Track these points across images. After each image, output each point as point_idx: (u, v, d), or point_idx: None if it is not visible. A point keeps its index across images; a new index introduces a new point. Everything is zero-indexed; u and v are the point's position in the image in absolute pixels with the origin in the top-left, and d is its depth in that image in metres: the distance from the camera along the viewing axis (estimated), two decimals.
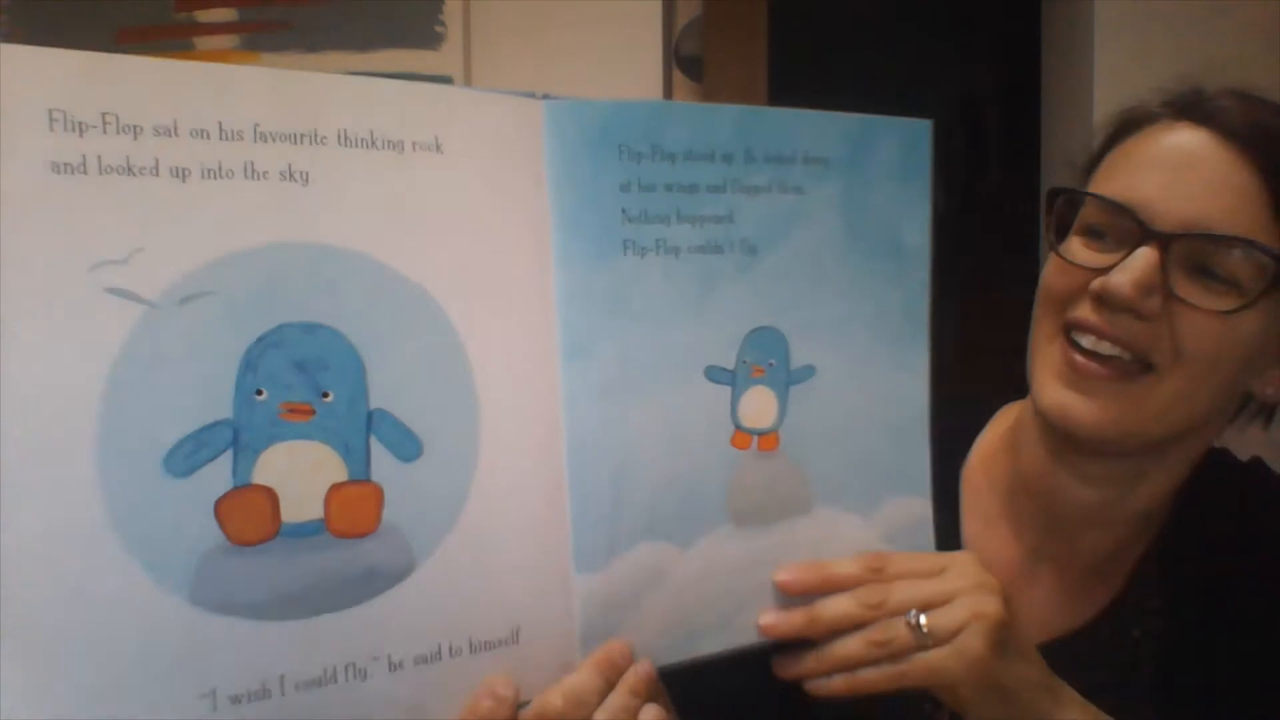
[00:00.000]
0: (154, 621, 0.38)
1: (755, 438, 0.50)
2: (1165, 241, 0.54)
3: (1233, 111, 0.55)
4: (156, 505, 0.37)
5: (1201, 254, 0.54)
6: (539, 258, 0.45)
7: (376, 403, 0.42)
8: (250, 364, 0.39)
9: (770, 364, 0.50)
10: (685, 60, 1.44)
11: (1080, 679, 0.54)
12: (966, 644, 0.49)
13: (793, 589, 0.51)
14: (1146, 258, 0.53)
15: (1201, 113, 0.56)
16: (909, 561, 0.52)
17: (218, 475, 0.39)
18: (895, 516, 0.54)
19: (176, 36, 1.52)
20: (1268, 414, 0.62)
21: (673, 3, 1.45)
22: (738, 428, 0.50)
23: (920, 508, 0.55)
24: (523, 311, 0.45)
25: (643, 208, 0.46)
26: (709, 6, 1.41)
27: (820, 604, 0.51)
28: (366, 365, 0.41)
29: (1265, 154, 0.54)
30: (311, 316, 0.40)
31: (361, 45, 1.48)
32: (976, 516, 0.66)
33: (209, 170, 0.38)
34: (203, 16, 1.51)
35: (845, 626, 0.50)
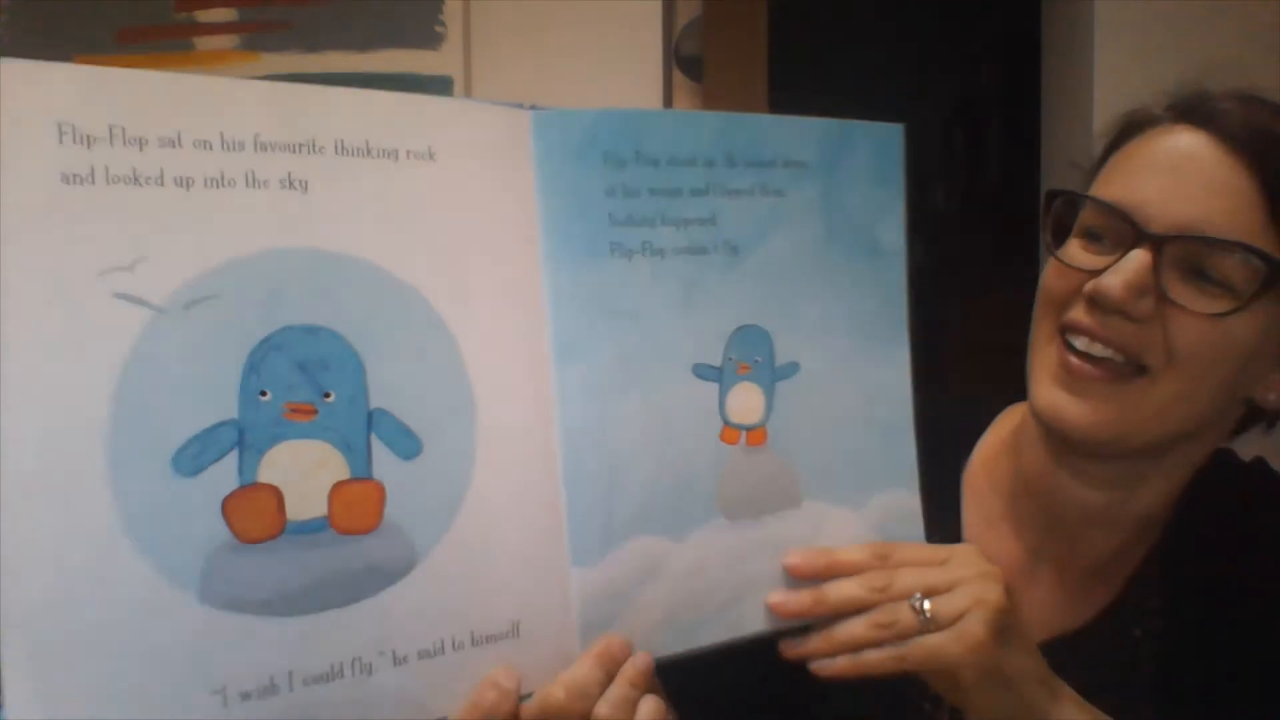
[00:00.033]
0: (165, 620, 0.38)
1: (743, 433, 0.52)
2: (1158, 244, 0.54)
3: (1233, 114, 0.56)
4: (165, 504, 0.38)
5: (1196, 257, 0.54)
6: (529, 261, 0.47)
7: (376, 402, 0.43)
8: (254, 366, 0.40)
9: (756, 361, 0.51)
10: (685, 60, 1.45)
11: (1080, 678, 0.55)
12: (968, 628, 0.49)
13: (801, 572, 0.52)
14: (1139, 260, 0.54)
15: (1202, 115, 0.56)
16: (914, 551, 0.53)
17: (224, 474, 0.40)
18: (885, 509, 0.55)
19: (176, 36, 1.51)
20: (1269, 420, 0.62)
21: (673, 3, 1.46)
22: (726, 423, 0.51)
23: (909, 501, 0.56)
24: (515, 313, 0.46)
25: (628, 212, 0.48)
26: (709, 6, 1.42)
27: (827, 586, 0.52)
28: (366, 366, 0.43)
29: (1262, 157, 0.54)
30: (312, 319, 0.41)
31: (361, 45, 1.47)
32: (978, 517, 0.66)
33: (212, 179, 0.40)
34: (203, 16, 1.50)
35: (851, 609, 0.51)
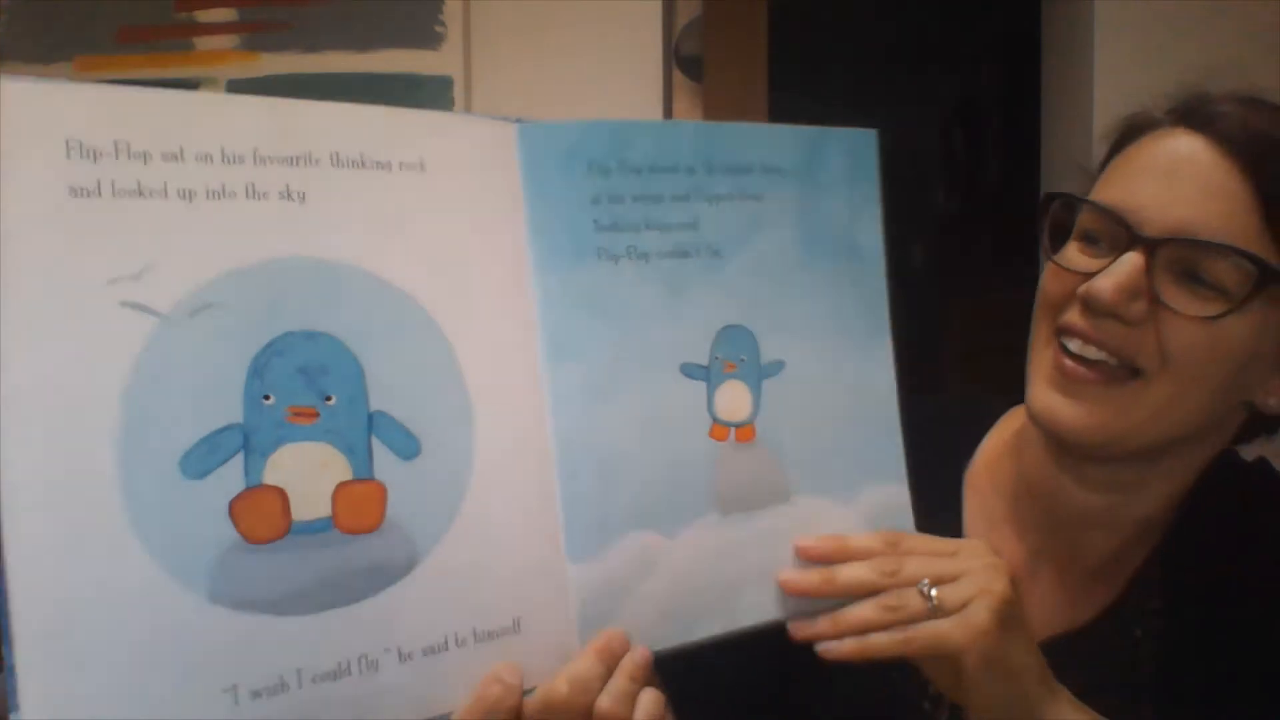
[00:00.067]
0: (176, 620, 0.39)
1: (732, 430, 0.53)
2: (1152, 247, 0.54)
3: (1231, 118, 0.56)
4: (174, 507, 0.39)
5: (1190, 260, 0.54)
6: (519, 267, 0.48)
7: (376, 405, 0.44)
8: (257, 370, 0.41)
9: (741, 359, 0.53)
10: (685, 60, 1.46)
11: (1081, 677, 0.55)
12: (974, 616, 0.50)
13: (812, 555, 0.53)
14: (1132, 263, 0.54)
15: (1201, 119, 0.56)
16: (923, 541, 0.54)
17: (231, 477, 0.41)
18: (875, 503, 0.56)
19: (176, 36, 1.52)
20: (1271, 426, 0.62)
21: (673, 3, 1.47)
22: (715, 420, 0.52)
23: (898, 494, 0.57)
24: (507, 317, 0.48)
25: (613, 218, 0.49)
26: (709, 6, 1.43)
27: (838, 568, 0.53)
28: (365, 369, 0.44)
29: (1258, 161, 0.54)
30: (312, 325, 0.43)
31: (361, 45, 1.48)
32: (980, 518, 0.67)
33: (213, 191, 0.41)
34: (203, 16, 1.51)
35: (859, 592, 0.52)
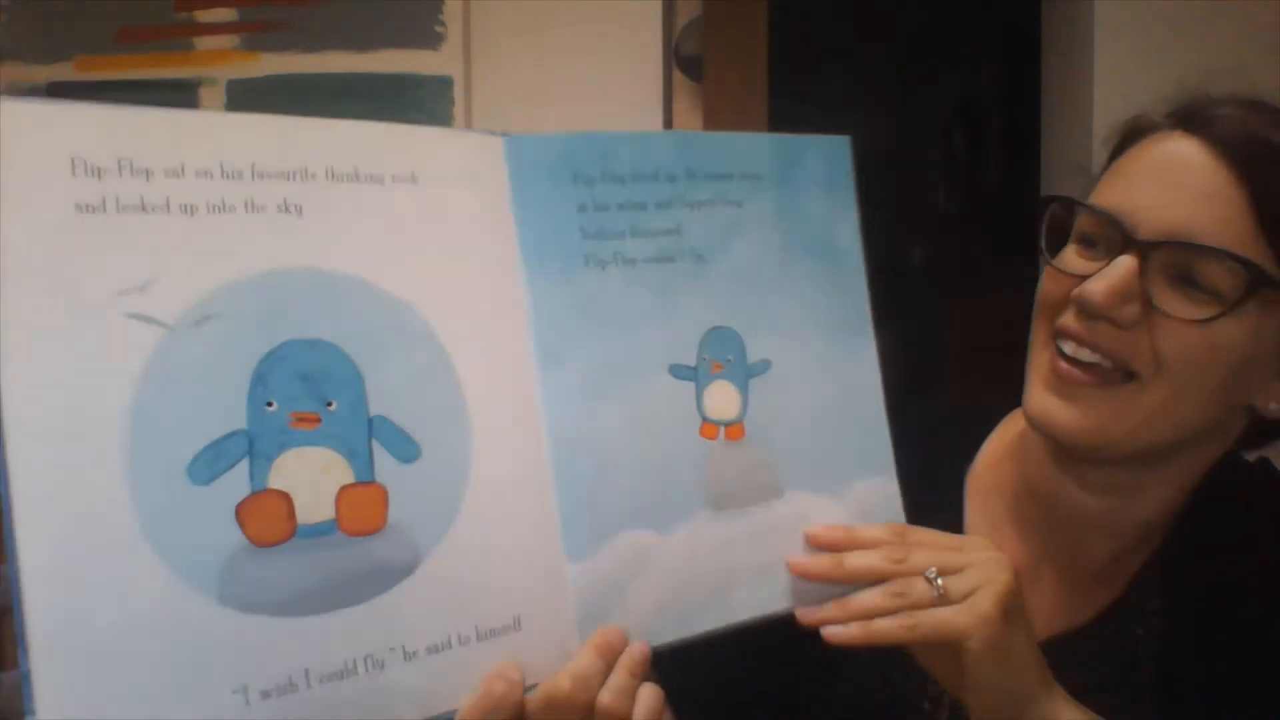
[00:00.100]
0: (186, 622, 0.40)
1: (722, 428, 0.54)
2: (1145, 250, 0.54)
3: (1229, 121, 0.56)
4: (183, 512, 0.40)
5: (1184, 263, 0.54)
6: (510, 274, 0.50)
7: (375, 409, 0.45)
8: (260, 378, 0.43)
9: (728, 360, 0.54)
10: (685, 60, 1.46)
11: (1081, 677, 0.56)
12: (979, 603, 0.51)
13: (821, 542, 0.55)
14: (1125, 266, 0.54)
15: (1199, 122, 0.57)
16: (930, 534, 0.55)
17: (237, 482, 0.42)
18: (865, 496, 0.57)
19: (176, 36, 1.52)
20: (1276, 431, 0.62)
21: (673, 3, 1.48)
22: (704, 419, 0.54)
23: (888, 488, 0.58)
24: (499, 322, 0.49)
25: (599, 226, 0.51)
26: (709, 6, 1.44)
27: (847, 554, 0.54)
28: (364, 375, 0.45)
29: (1253, 165, 0.54)
30: (312, 333, 0.44)
31: (361, 45, 1.49)
32: (982, 519, 0.67)
33: (214, 206, 0.42)
34: (203, 16, 1.52)
35: (867, 579, 0.53)
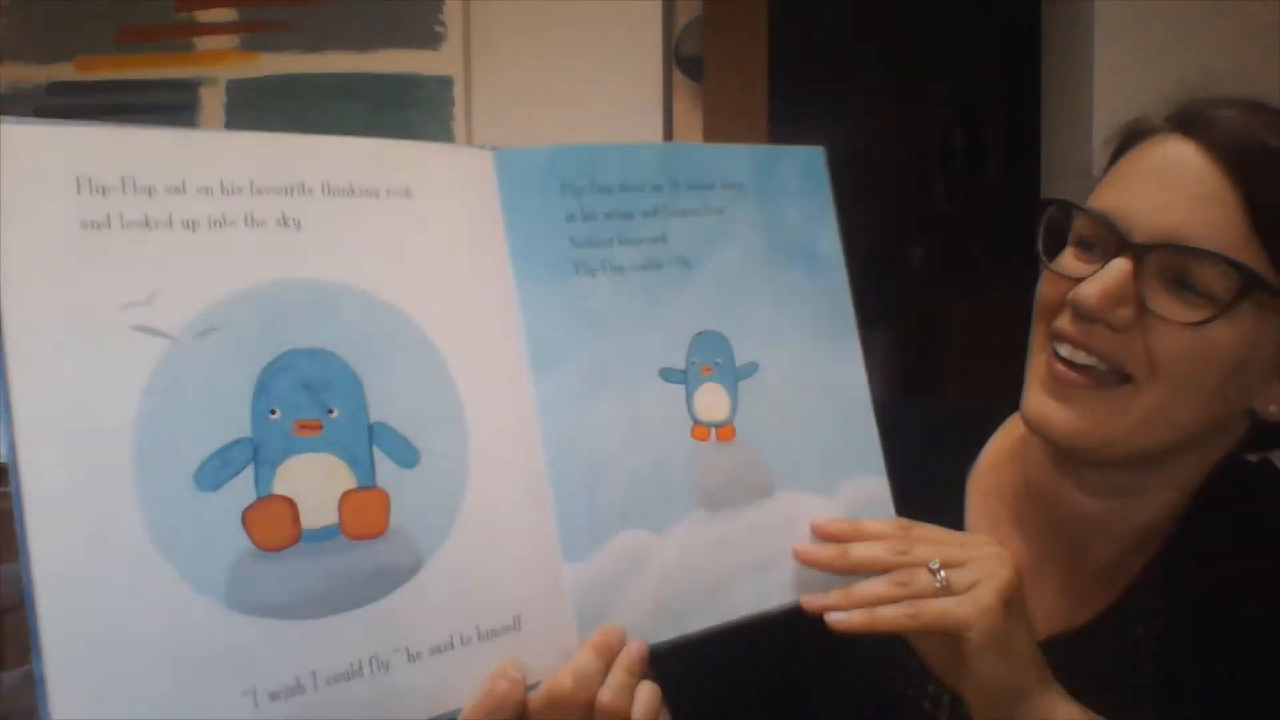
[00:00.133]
0: (196, 626, 0.41)
1: (712, 429, 0.56)
2: (1139, 252, 0.55)
3: (1226, 123, 0.56)
4: (190, 518, 0.41)
5: (1178, 266, 0.54)
6: (502, 283, 0.51)
7: (375, 416, 0.46)
8: (263, 387, 0.44)
9: (717, 363, 0.56)
10: (685, 60, 1.46)
11: (1081, 676, 0.56)
12: (979, 595, 0.51)
13: (827, 533, 0.56)
14: (1119, 269, 0.55)
15: (1196, 125, 0.56)
16: (933, 530, 0.56)
17: (242, 488, 0.43)
18: (855, 494, 0.58)
19: (176, 36, 1.53)
20: (1276, 434, 0.62)
21: (673, 3, 1.47)
22: (695, 421, 0.55)
23: (878, 485, 0.59)
24: (493, 330, 0.50)
25: (588, 234, 0.53)
26: (709, 6, 1.44)
27: (852, 545, 0.55)
28: (364, 383, 0.46)
29: (1247, 167, 0.54)
30: (313, 343, 0.45)
31: (361, 45, 1.49)
32: (983, 520, 0.68)
33: (215, 221, 0.44)
34: (203, 16, 1.52)
35: (871, 569, 0.54)
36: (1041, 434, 0.59)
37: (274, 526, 0.43)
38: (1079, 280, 0.56)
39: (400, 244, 0.48)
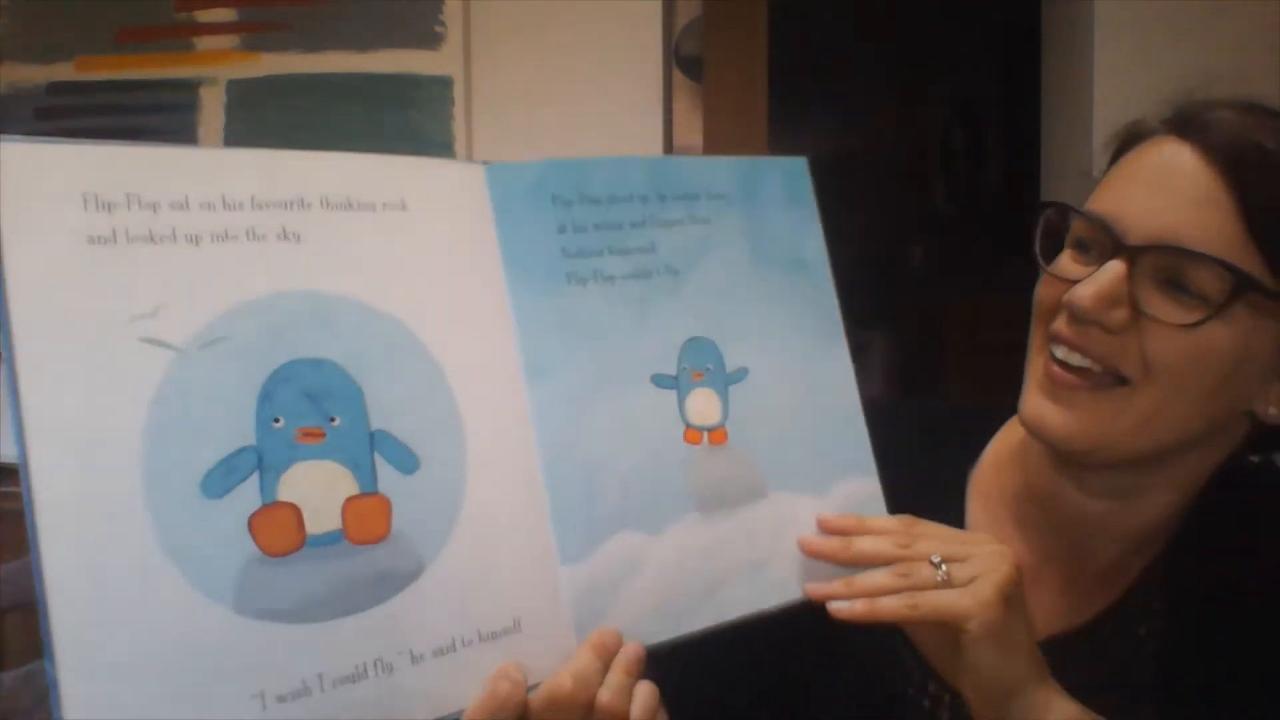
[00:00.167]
0: (204, 630, 0.42)
1: (705, 433, 0.57)
2: (1133, 254, 0.55)
3: (1222, 125, 0.56)
4: (198, 525, 0.42)
5: (1173, 268, 0.54)
6: (497, 293, 0.52)
7: (376, 424, 0.47)
8: (267, 396, 0.45)
9: (708, 368, 0.57)
10: (685, 60, 1.46)
11: (1081, 675, 0.57)
12: (979, 588, 0.52)
13: (832, 527, 0.57)
14: (1113, 271, 0.55)
15: (1192, 127, 0.57)
16: (935, 526, 0.57)
17: (248, 495, 0.44)
18: (847, 494, 0.60)
19: (176, 36, 1.53)
20: (1276, 437, 0.62)
21: (673, 3, 1.47)
22: (688, 425, 0.56)
23: (870, 486, 0.61)
24: (488, 339, 0.52)
25: (578, 245, 0.54)
26: (709, 6, 1.44)
27: (856, 537, 0.56)
28: (364, 392, 0.47)
29: (1242, 169, 0.54)
30: (314, 353, 0.46)
31: (361, 45, 1.49)
32: (985, 520, 0.68)
33: (217, 235, 0.45)
34: (203, 16, 1.52)
35: (874, 561, 0.55)
36: (1038, 436, 0.60)
37: (279, 532, 0.44)
38: (1075, 282, 0.57)
39: (397, 256, 0.49)
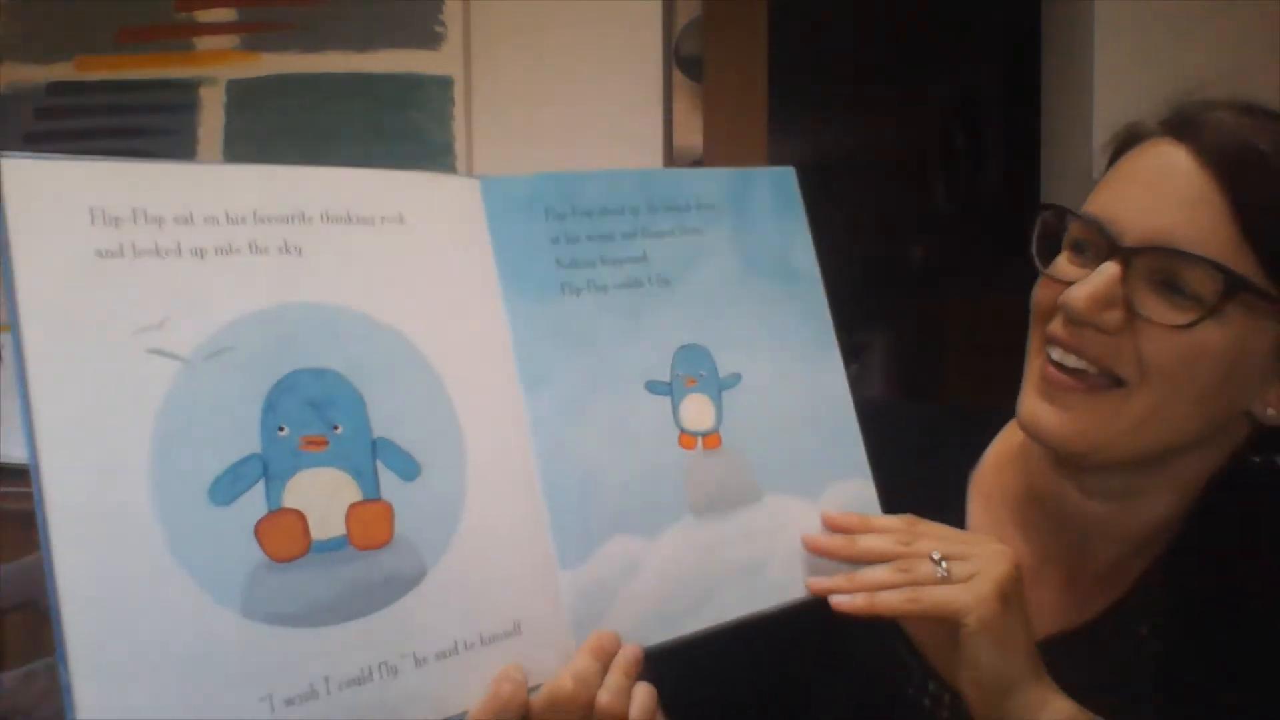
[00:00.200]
0: (213, 634, 0.43)
1: (699, 438, 0.58)
2: (1128, 256, 0.55)
3: (1217, 127, 0.56)
4: (206, 531, 0.43)
5: (1167, 269, 0.55)
6: (492, 303, 0.54)
7: (378, 431, 0.49)
8: (271, 405, 0.46)
9: (701, 374, 0.58)
10: (685, 60, 1.46)
11: (1081, 674, 0.57)
12: (978, 585, 0.53)
13: (836, 525, 0.58)
14: (1107, 272, 0.55)
15: (1188, 129, 0.57)
16: (936, 526, 0.58)
17: (254, 502, 0.45)
18: (841, 496, 0.60)
19: (176, 36, 1.53)
20: (1276, 439, 0.61)
21: (673, 3, 1.47)
22: (682, 431, 0.57)
23: (863, 488, 0.61)
24: (484, 349, 0.53)
25: (571, 256, 0.55)
26: (709, 6, 1.44)
27: (859, 535, 0.57)
28: (366, 401, 0.48)
29: (1236, 171, 0.54)
30: (317, 363, 0.47)
31: (361, 45, 1.49)
32: (985, 521, 0.68)
33: (221, 249, 0.46)
34: (203, 16, 1.52)
35: (876, 559, 0.56)
36: (1034, 437, 0.60)
37: (285, 538, 0.45)
38: (1072, 284, 0.57)
39: (396, 268, 0.51)
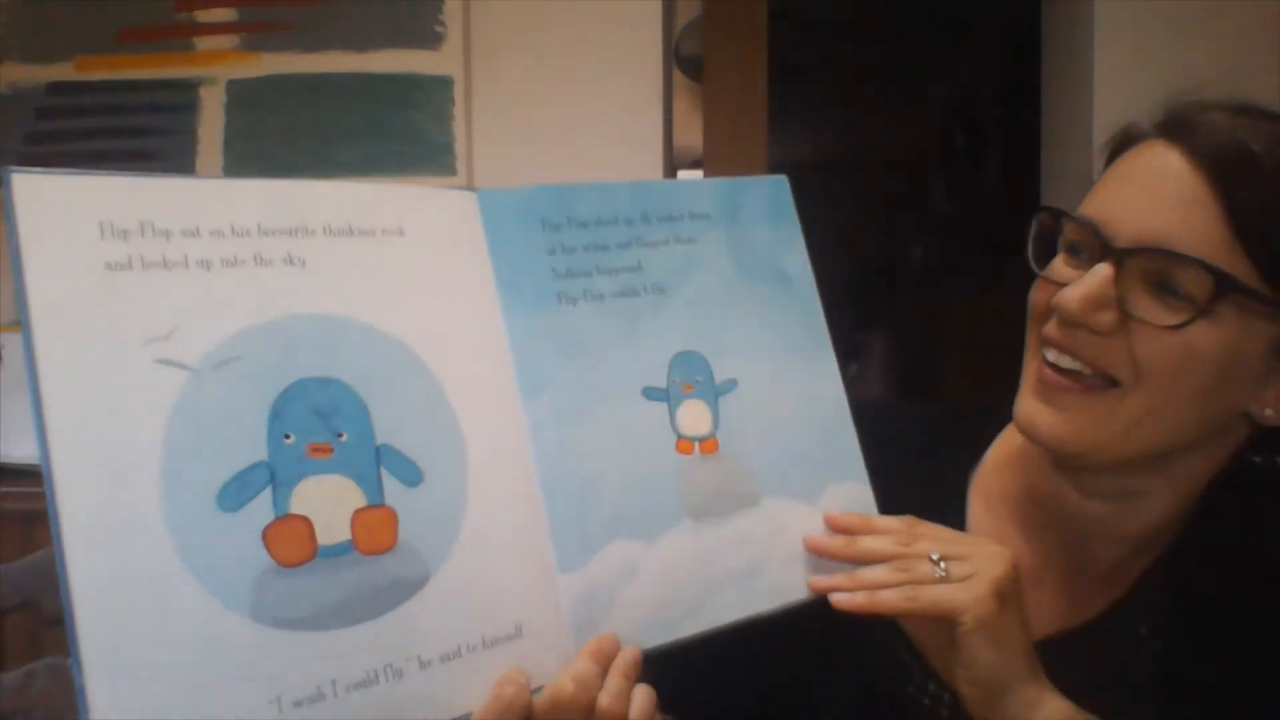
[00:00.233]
0: (222, 638, 0.44)
1: (696, 443, 0.59)
2: (1121, 257, 0.56)
3: (1211, 128, 0.56)
4: (214, 537, 0.44)
5: (1161, 270, 0.55)
6: (490, 312, 0.55)
7: (381, 439, 0.50)
8: (277, 413, 0.47)
9: (697, 380, 0.59)
10: (685, 60, 1.47)
11: (1081, 674, 0.58)
12: (976, 584, 0.54)
13: (837, 525, 0.59)
14: (1100, 274, 0.55)
15: (1181, 130, 0.57)
16: (936, 528, 0.59)
17: (261, 508, 0.46)
18: (839, 499, 0.61)
19: (176, 36, 1.52)
20: (1277, 439, 0.61)
21: (673, 3, 1.48)
22: (679, 436, 0.58)
23: (860, 491, 0.62)
24: (484, 357, 0.54)
25: (568, 266, 0.56)
26: (709, 6, 1.44)
27: (860, 536, 0.58)
28: (369, 409, 0.49)
29: (1229, 172, 0.54)
30: (322, 372, 0.49)
31: (361, 45, 1.49)
32: (985, 521, 0.69)
33: (227, 261, 0.47)
34: (203, 16, 1.52)
35: (876, 559, 0.57)
36: (1030, 438, 0.61)
37: (292, 544, 0.46)
38: (1062, 285, 0.57)
39: (397, 279, 0.52)
